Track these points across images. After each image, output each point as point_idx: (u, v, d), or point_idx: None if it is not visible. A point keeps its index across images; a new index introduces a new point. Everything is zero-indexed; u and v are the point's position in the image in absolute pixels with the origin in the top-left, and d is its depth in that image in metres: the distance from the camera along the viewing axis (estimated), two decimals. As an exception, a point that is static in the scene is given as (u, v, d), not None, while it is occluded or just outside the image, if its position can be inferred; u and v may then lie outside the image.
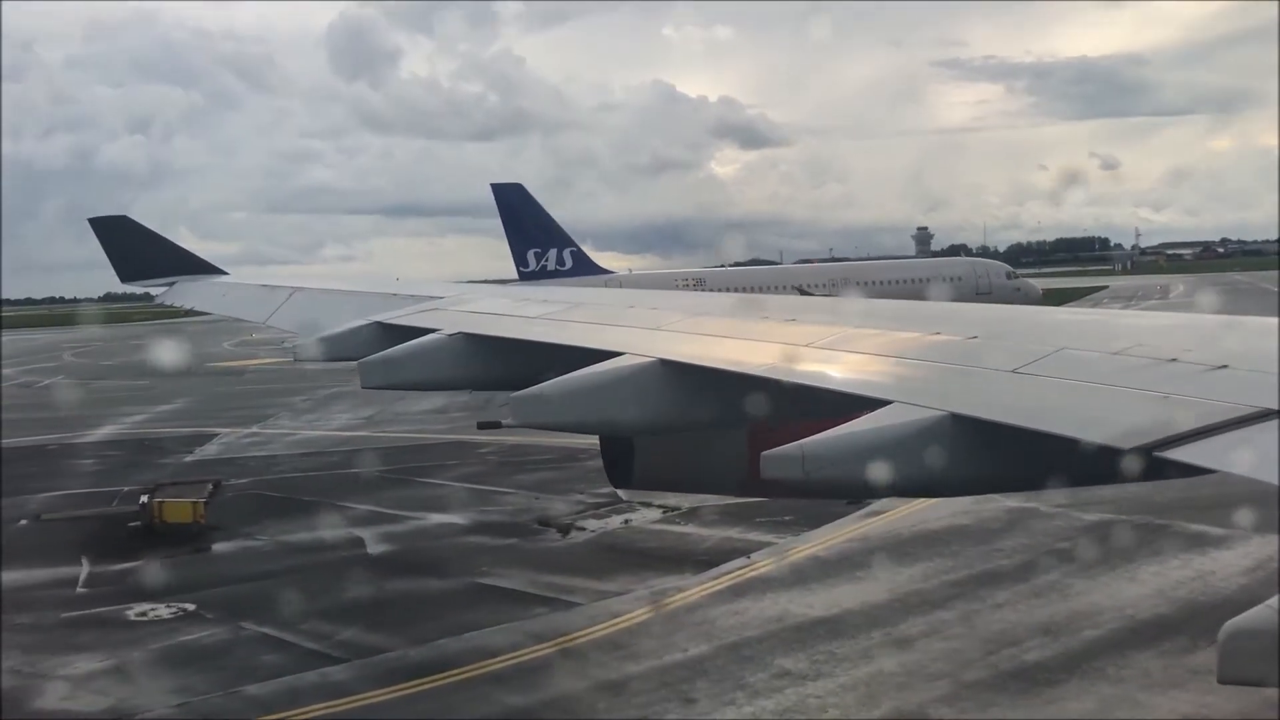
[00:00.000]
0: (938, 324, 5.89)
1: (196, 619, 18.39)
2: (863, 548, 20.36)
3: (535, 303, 9.18)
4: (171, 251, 18.65)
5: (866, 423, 4.47)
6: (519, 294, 10.37)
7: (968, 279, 57.29)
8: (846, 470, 4.37)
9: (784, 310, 7.09)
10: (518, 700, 14.31)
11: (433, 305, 9.69)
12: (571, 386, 5.81)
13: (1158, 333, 5.16)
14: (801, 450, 4.41)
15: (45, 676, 16.08)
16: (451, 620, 17.70)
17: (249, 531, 24.41)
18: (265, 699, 14.78)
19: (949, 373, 5.04)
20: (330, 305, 11.68)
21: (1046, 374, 4.64)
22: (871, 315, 6.79)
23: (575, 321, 8.09)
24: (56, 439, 39.36)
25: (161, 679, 15.88)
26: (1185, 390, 4.08)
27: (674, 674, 14.90)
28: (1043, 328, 5.68)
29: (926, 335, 5.68)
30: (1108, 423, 3.98)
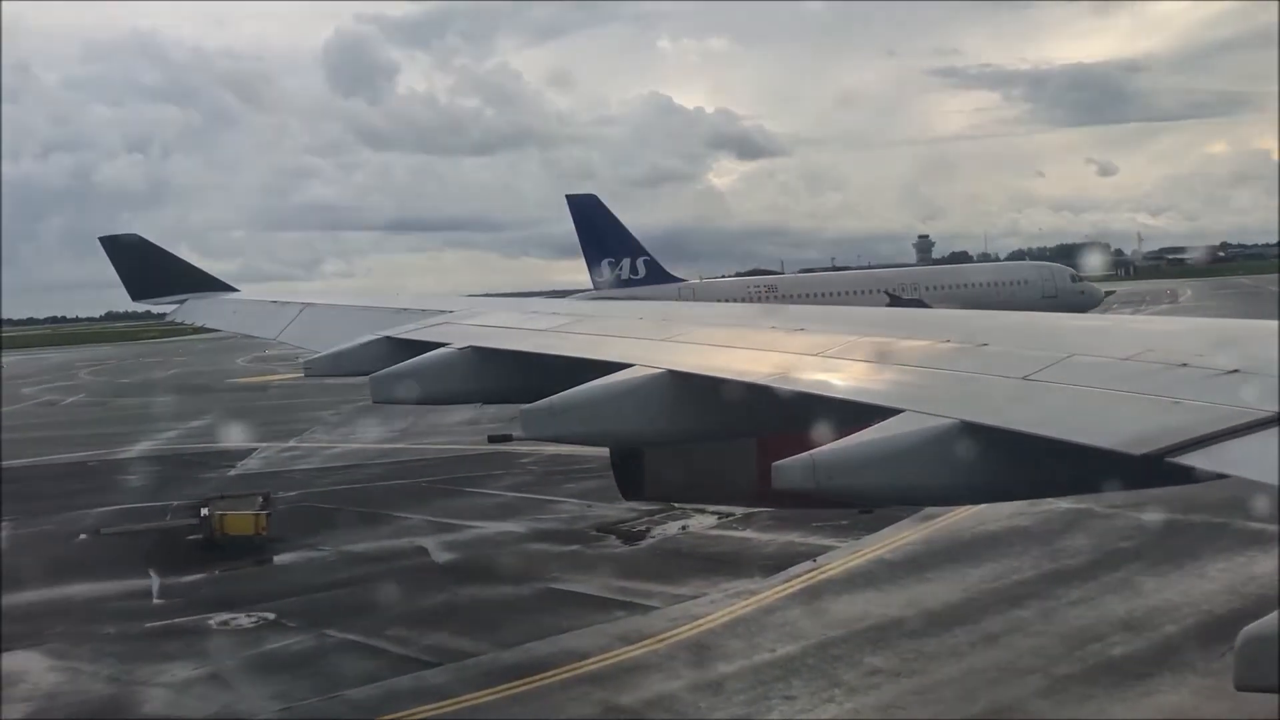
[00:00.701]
0: (947, 331, 5.91)
1: (279, 628, 18.67)
2: (926, 550, 20.65)
3: (544, 315, 9.32)
4: (182, 269, 18.74)
5: (877, 431, 4.45)
6: (530, 307, 10.40)
7: (1035, 282, 58.36)
8: (858, 479, 4.39)
9: (793, 319, 7.02)
10: (621, 699, 14.60)
11: (442, 319, 9.78)
12: (581, 399, 5.83)
13: (1167, 337, 5.15)
14: (813, 460, 4.40)
15: (145, 684, 16.37)
16: (532, 624, 18.00)
17: (310, 543, 24.70)
18: (366, 703, 15.07)
19: (959, 380, 5.05)
20: (340, 321, 11.82)
21: (1057, 380, 4.64)
22: (879, 323, 6.82)
23: (584, 334, 8.14)
24: (94, 456, 39.66)
25: (258, 685, 16.17)
26: (1196, 395, 4.07)
27: (767, 673, 15.20)
28: (1052, 334, 5.73)
29: (936, 343, 5.72)
30: (1118, 428, 3.97)
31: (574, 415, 5.80)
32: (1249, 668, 3.14)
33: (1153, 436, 3.79)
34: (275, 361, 76.65)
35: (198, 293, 18.13)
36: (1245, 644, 3.13)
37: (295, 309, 13.57)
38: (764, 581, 19.44)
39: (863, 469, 4.35)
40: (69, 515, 29.19)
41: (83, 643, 18.46)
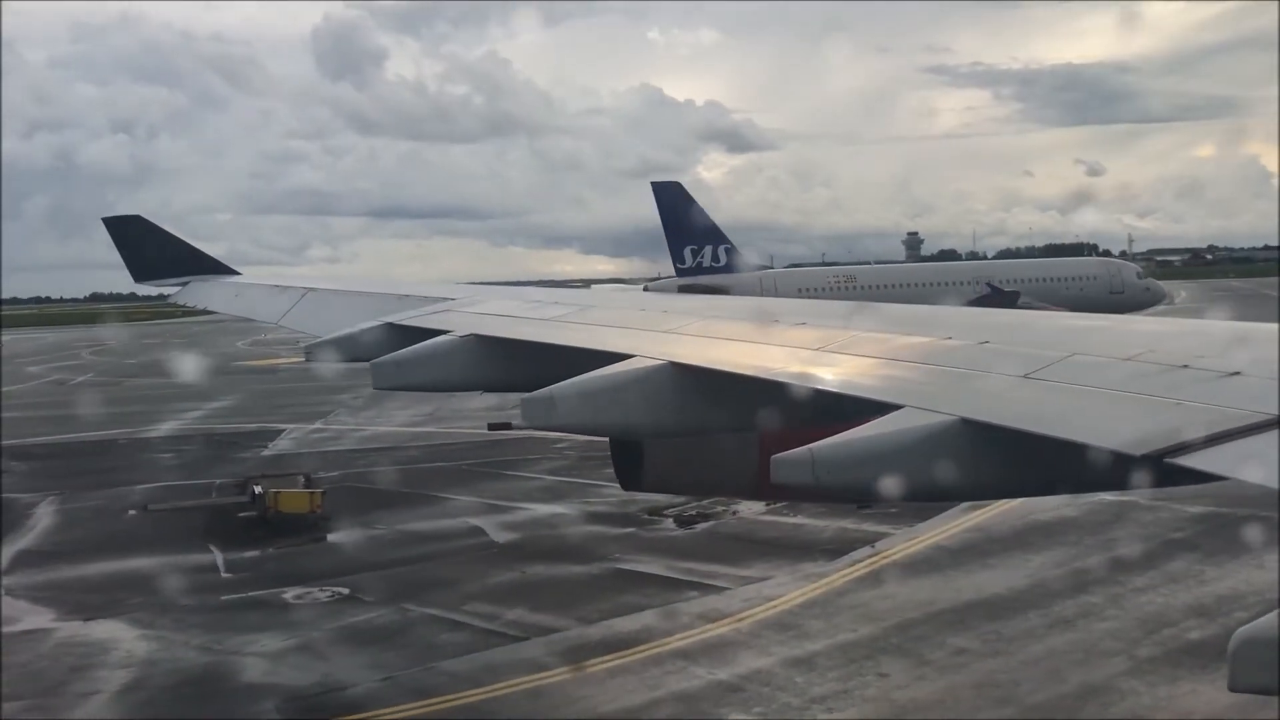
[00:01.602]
0: (949, 328, 5.91)
1: (356, 601, 19.02)
2: (983, 538, 21.12)
3: (547, 305, 9.33)
4: (185, 251, 18.75)
5: (877, 427, 4.46)
6: (531, 296, 10.45)
7: (1103, 278, 59.18)
8: (857, 474, 4.38)
9: (795, 314, 7.12)
10: (717, 675, 15.02)
11: (445, 306, 9.77)
12: (582, 389, 5.82)
13: (1169, 338, 5.16)
14: (812, 454, 4.37)
15: (237, 653, 16.69)
16: (607, 602, 18.39)
17: (363, 521, 25.00)
18: (465, 674, 15.45)
19: (960, 377, 5.04)
20: (342, 306, 11.90)
21: (1057, 379, 4.63)
22: (881, 319, 6.80)
23: (587, 324, 8.14)
24: (122, 434, 39.81)
25: (351, 656, 16.52)
26: (1197, 397, 4.07)
27: (854, 652, 15.64)
28: (1054, 333, 5.75)
29: (938, 339, 5.71)
30: (1119, 429, 3.98)
31: (574, 405, 5.79)
32: (1243, 670, 3.12)
33: (1153, 437, 3.80)
34: (275, 345, 76.65)
35: (200, 275, 18.19)
36: (1239, 646, 3.12)
37: (297, 294, 13.64)
38: (828, 565, 19.87)
39: (862, 464, 4.35)
40: (113, 491, 29.46)
41: (164, 614, 18.78)
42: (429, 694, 14.81)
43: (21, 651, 17.09)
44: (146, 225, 18.99)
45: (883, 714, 13.63)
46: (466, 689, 14.93)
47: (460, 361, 7.79)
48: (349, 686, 15.24)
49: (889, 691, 14.27)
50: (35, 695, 15.36)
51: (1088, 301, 54.29)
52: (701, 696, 14.36)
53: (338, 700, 14.77)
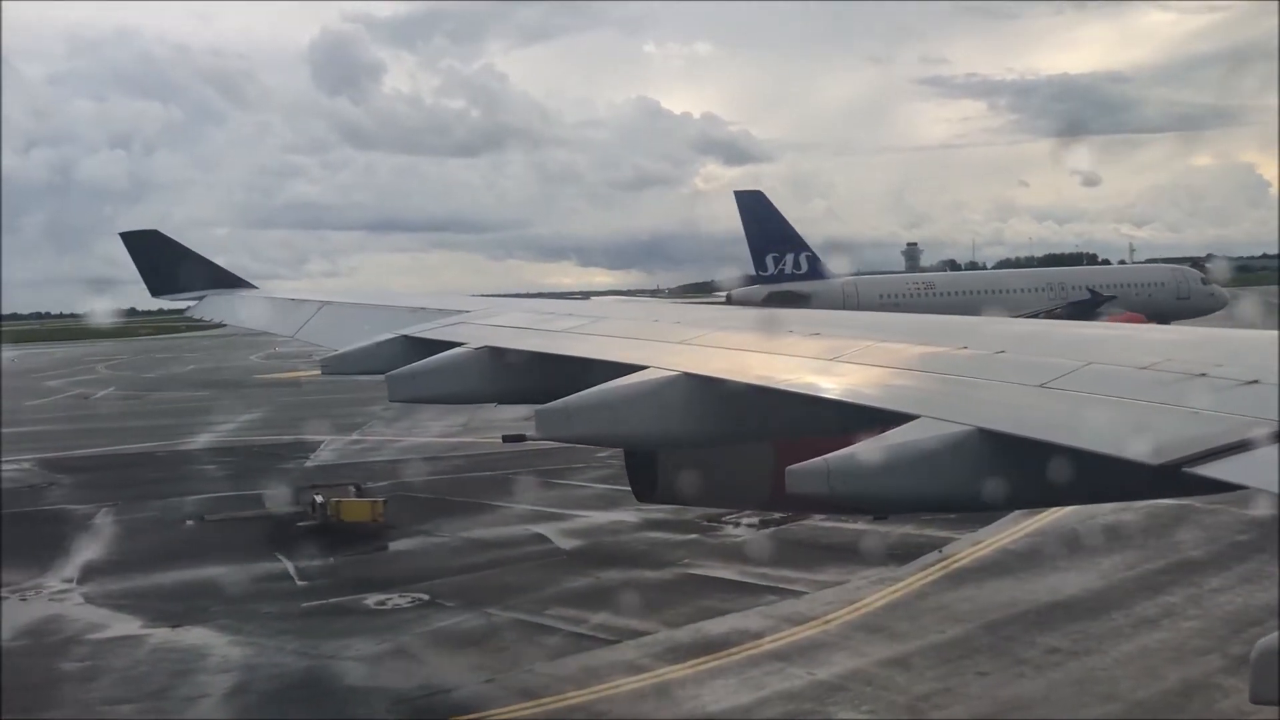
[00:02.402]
0: (964, 338, 5.91)
1: (439, 607, 19.25)
2: (1047, 542, 21.36)
3: (560, 316, 9.41)
4: (201, 265, 18.81)
5: (893, 437, 4.42)
6: (545, 308, 10.55)
7: (1169, 285, 60.62)
8: (872, 485, 4.34)
9: (809, 324, 7.04)
10: (816, 675, 15.27)
11: (459, 319, 9.80)
12: (595, 400, 5.81)
13: (1186, 347, 5.10)
14: (827, 465, 4.34)
15: (334, 658, 16.91)
16: (688, 606, 18.62)
17: (424, 530, 25.26)
18: (567, 675, 15.69)
19: (976, 387, 5.01)
20: (357, 319, 11.89)
21: (1074, 389, 4.61)
22: (897, 329, 6.80)
23: (600, 335, 8.14)
24: (159, 447, 40.01)
25: (448, 659, 16.74)
26: (1215, 405, 4.05)
27: (948, 652, 15.90)
28: (1070, 342, 5.71)
29: (954, 349, 5.68)
30: (1136, 438, 3.92)
31: (588, 416, 5.80)
32: (1265, 681, 3.10)
33: (1170, 446, 3.77)
34: (290, 359, 76.93)
35: (217, 289, 18.27)
36: (1261, 656, 3.10)
37: (313, 307, 13.68)
38: (900, 570, 20.11)
39: (877, 475, 4.32)
40: (164, 503, 29.69)
41: (249, 620, 18.98)
42: (534, 695, 15.03)
43: (117, 657, 17.31)
44: (163, 239, 19.11)
45: (989, 711, 13.88)
46: (570, 690, 15.17)
47: (475, 373, 7.82)
48: (453, 689, 15.48)
49: (992, 689, 14.51)
50: (141, 699, 15.59)
51: (1155, 307, 55.23)
52: (806, 696, 14.61)
53: (445, 702, 15.00)
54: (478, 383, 7.82)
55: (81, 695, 15.82)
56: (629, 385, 5.89)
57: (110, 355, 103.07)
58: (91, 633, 18.59)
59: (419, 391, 8.08)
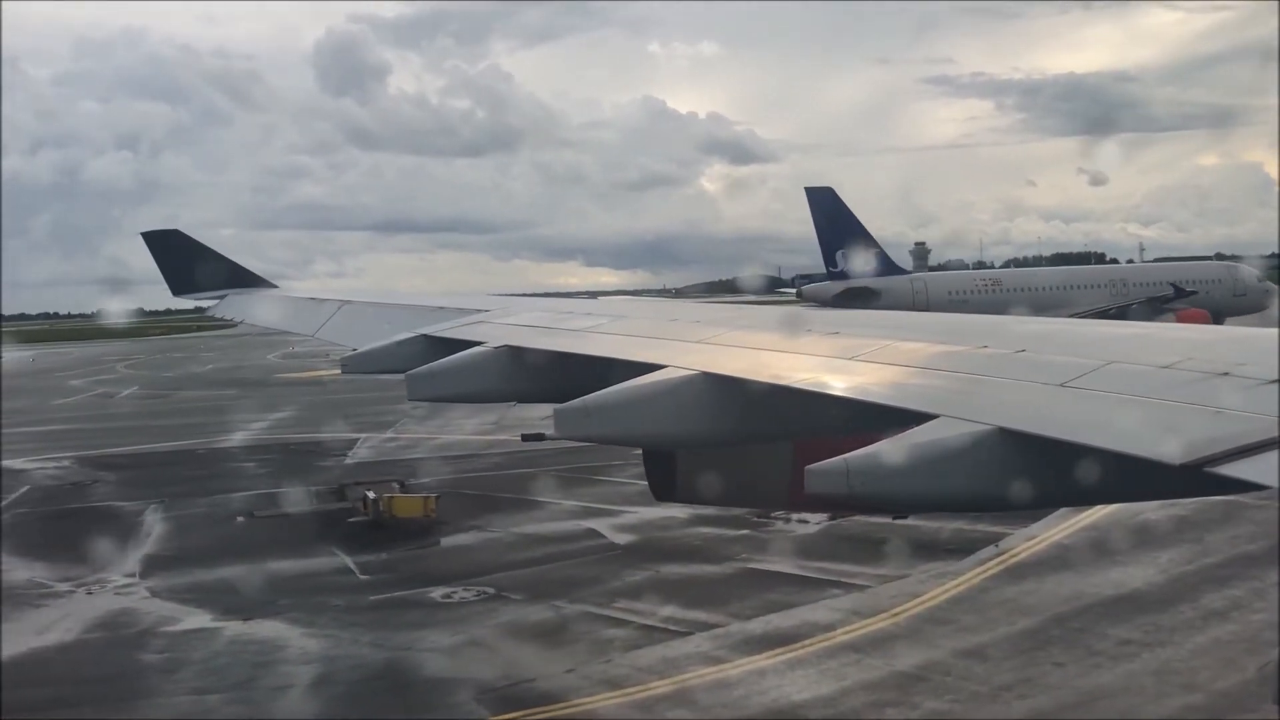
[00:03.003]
0: (984, 337, 5.88)
1: (505, 600, 19.48)
2: (1101, 537, 21.55)
3: (579, 316, 9.43)
4: (223, 264, 18.88)
5: (913, 437, 4.40)
6: (563, 307, 10.59)
7: (1226, 281, 61.32)
8: (892, 485, 4.33)
9: (828, 323, 7.03)
10: (895, 665, 15.48)
11: (478, 318, 9.84)
12: (614, 399, 5.81)
13: (1208, 346, 5.03)
14: (846, 464, 4.33)
15: (411, 649, 17.14)
16: (753, 599, 18.84)
17: (475, 525, 25.48)
18: (647, 666, 15.92)
19: (996, 386, 4.98)
20: (377, 318, 11.98)
21: (1095, 388, 4.58)
22: (916, 328, 6.83)
23: (618, 334, 8.14)
24: (198, 445, 40.26)
25: (524, 650, 16.96)
26: (1238, 404, 4.02)
27: (1020, 644, 16.11)
28: (1090, 341, 5.71)
29: (973, 349, 5.65)
30: (1157, 437, 3.91)
31: (607, 416, 5.79)
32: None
33: (1193, 446, 3.75)
34: (307, 358, 77.20)
35: (238, 288, 18.36)
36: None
37: (333, 306, 13.77)
38: (958, 564, 20.31)
39: (897, 475, 4.31)
40: (211, 500, 29.94)
41: (320, 613, 19.22)
42: (618, 685, 15.26)
43: (195, 649, 17.54)
44: (184, 239, 19.23)
45: (1073, 700, 14.08)
46: (652, 680, 15.39)
47: (494, 372, 7.84)
48: (535, 679, 15.68)
49: (1071, 679, 14.71)
50: (227, 690, 15.82)
51: (1213, 304, 55.77)
52: (887, 686, 14.82)
53: (531, 691, 15.21)
54: (497, 382, 7.85)
55: (166, 685, 16.07)
56: (647, 384, 5.90)
57: (126, 355, 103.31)
58: (165, 626, 18.83)
59: (438, 390, 8.13)
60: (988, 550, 21.10)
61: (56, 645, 18.06)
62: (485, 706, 14.79)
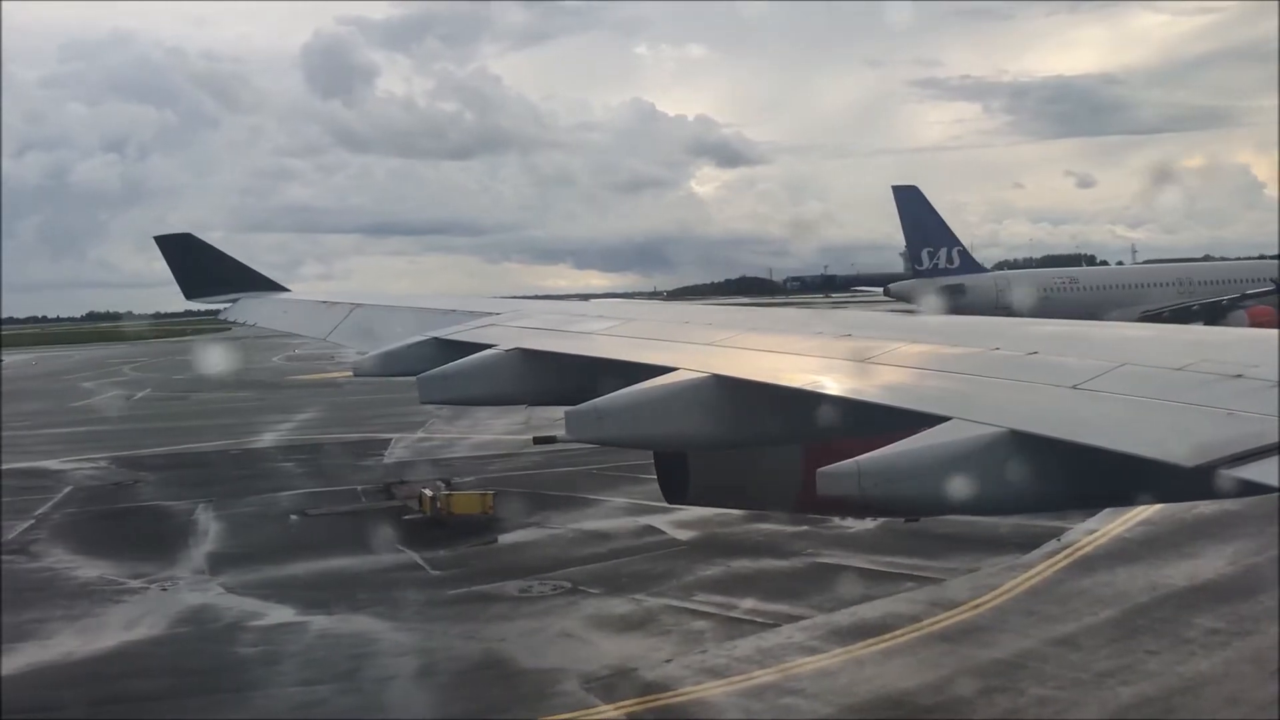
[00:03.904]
0: (995, 339, 5.87)
1: (584, 594, 19.73)
2: (1163, 530, 21.89)
3: (590, 318, 9.39)
4: (234, 268, 18.94)
5: (924, 439, 4.41)
6: (574, 310, 10.60)
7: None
8: (903, 487, 4.33)
9: (840, 326, 7.10)
10: (991, 654, 15.76)
11: (489, 321, 9.86)
12: (625, 402, 5.81)
13: (1221, 348, 5.04)
14: (858, 467, 4.33)
15: (504, 641, 17.39)
16: (831, 593, 19.13)
17: (533, 522, 25.71)
18: (746, 656, 16.18)
19: (1008, 388, 4.98)
20: (388, 321, 12.02)
21: (1108, 390, 4.57)
22: (927, 331, 6.84)
23: (629, 337, 8.17)
24: (230, 445, 40.37)
25: (618, 642, 17.21)
26: (1252, 406, 3.99)
27: (1109, 632, 16.42)
28: (1103, 343, 5.69)
29: (985, 351, 5.65)
30: (1171, 440, 3.90)
31: (618, 418, 5.80)
32: None
33: (1206, 448, 3.73)
34: (311, 360, 77.40)
35: (249, 291, 18.42)
36: None
37: (345, 309, 13.78)
38: (1026, 557, 20.61)
39: (909, 477, 4.31)
40: (259, 499, 30.09)
41: (401, 607, 19.43)
42: (720, 674, 15.51)
43: (289, 642, 17.76)
44: (196, 243, 19.27)
45: (1178, 686, 14.38)
46: (754, 669, 15.64)
47: (505, 375, 7.83)
48: (635, 669, 15.91)
49: (1170, 666, 15.02)
50: (333, 680, 16.01)
51: (1266, 303, 56.38)
52: (991, 673, 15.10)
53: (636, 681, 15.46)
54: (509, 384, 7.85)
55: (273, 677, 16.25)
56: (659, 387, 5.91)
57: (129, 358, 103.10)
58: (251, 620, 19.00)
59: (450, 393, 8.13)
60: (1050, 544, 21.40)
61: (148, 639, 18.21)
62: (595, 695, 15.01)
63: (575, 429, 5.84)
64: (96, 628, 18.88)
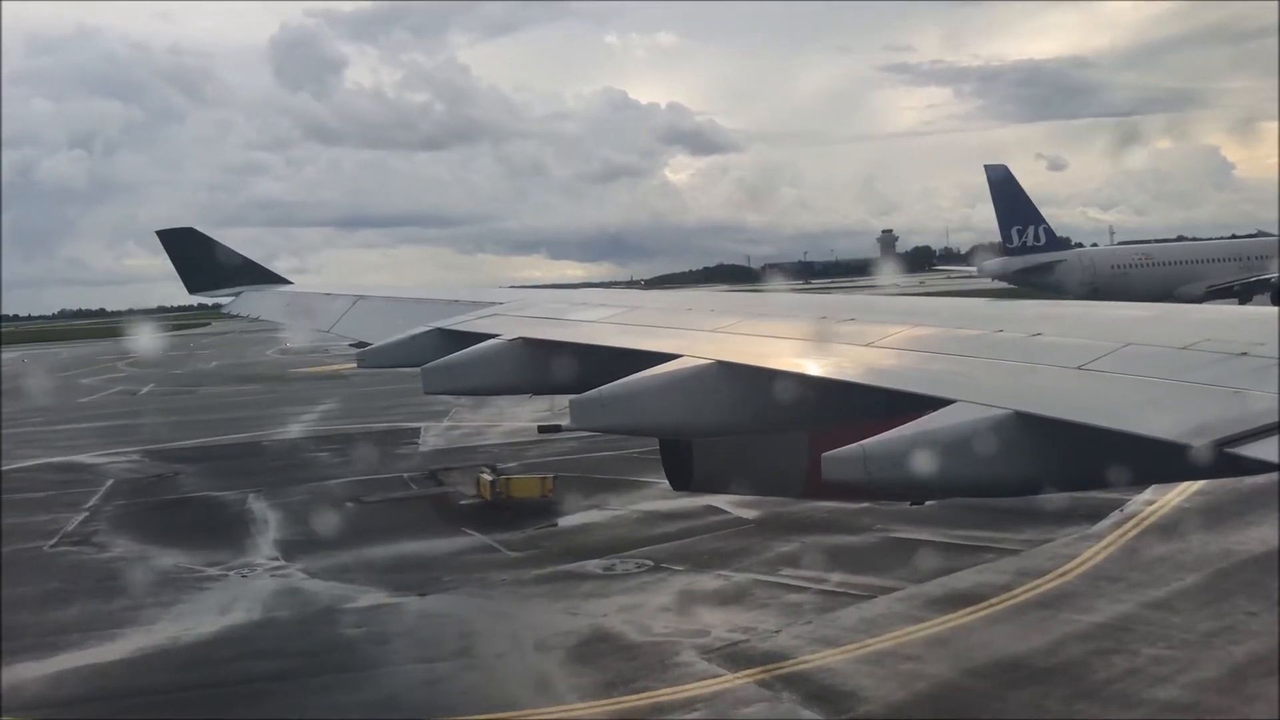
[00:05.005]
0: (999, 322, 5.88)
1: (669, 571, 20.08)
2: (1219, 501, 22.37)
3: (593, 307, 9.42)
4: (237, 262, 18.92)
5: (929, 422, 4.41)
6: (577, 298, 10.66)
7: None
8: (909, 471, 4.31)
9: (843, 310, 7.10)
10: (1091, 618, 16.25)
11: (492, 311, 9.82)
12: (630, 390, 5.78)
13: (1226, 326, 5.04)
14: (863, 451, 4.33)
15: (606, 616, 17.68)
16: (914, 566, 19.49)
17: (593, 504, 26.02)
18: (853, 626, 16.59)
19: (1013, 370, 4.98)
20: (393, 312, 12.00)
21: (1112, 370, 4.58)
22: (931, 314, 6.80)
23: (633, 324, 8.20)
24: (259, 437, 40.44)
25: (720, 615, 17.56)
26: (1257, 385, 3.98)
27: (1202, 596, 16.93)
28: (1107, 323, 5.70)
29: (989, 333, 5.65)
30: (1176, 419, 3.90)
31: (623, 406, 5.78)
32: None
33: (1211, 427, 3.74)
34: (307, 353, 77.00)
35: (253, 285, 18.47)
36: None
37: (348, 301, 13.86)
38: (1095, 528, 21.08)
39: (915, 461, 4.30)
40: (306, 487, 30.23)
41: (491, 587, 19.74)
42: (834, 644, 15.89)
43: (392, 623, 18.05)
44: (199, 237, 19.26)
45: (1284, 644, 14.86)
46: (865, 639, 16.03)
47: (509, 365, 7.80)
48: (747, 640, 16.27)
49: (1272, 625, 15.50)
50: (450, 657, 16.32)
51: None
52: (1098, 636, 15.56)
53: (754, 650, 15.82)
54: (512, 374, 7.83)
55: (389, 655, 16.50)
56: (663, 374, 5.89)
57: (120, 354, 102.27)
58: (344, 603, 19.22)
59: (454, 384, 8.10)
60: (1114, 515, 21.89)
61: (250, 623, 18.42)
62: (717, 664, 15.35)
63: (580, 417, 5.88)
64: (193, 613, 19.07)
